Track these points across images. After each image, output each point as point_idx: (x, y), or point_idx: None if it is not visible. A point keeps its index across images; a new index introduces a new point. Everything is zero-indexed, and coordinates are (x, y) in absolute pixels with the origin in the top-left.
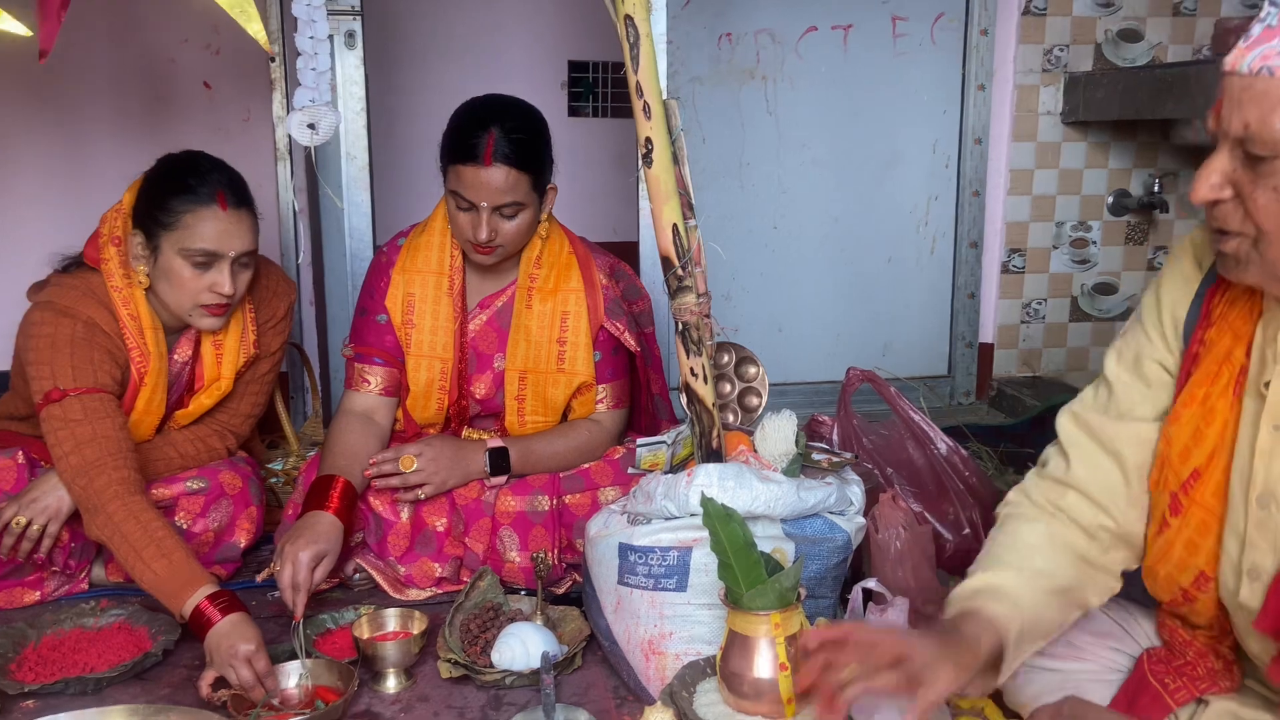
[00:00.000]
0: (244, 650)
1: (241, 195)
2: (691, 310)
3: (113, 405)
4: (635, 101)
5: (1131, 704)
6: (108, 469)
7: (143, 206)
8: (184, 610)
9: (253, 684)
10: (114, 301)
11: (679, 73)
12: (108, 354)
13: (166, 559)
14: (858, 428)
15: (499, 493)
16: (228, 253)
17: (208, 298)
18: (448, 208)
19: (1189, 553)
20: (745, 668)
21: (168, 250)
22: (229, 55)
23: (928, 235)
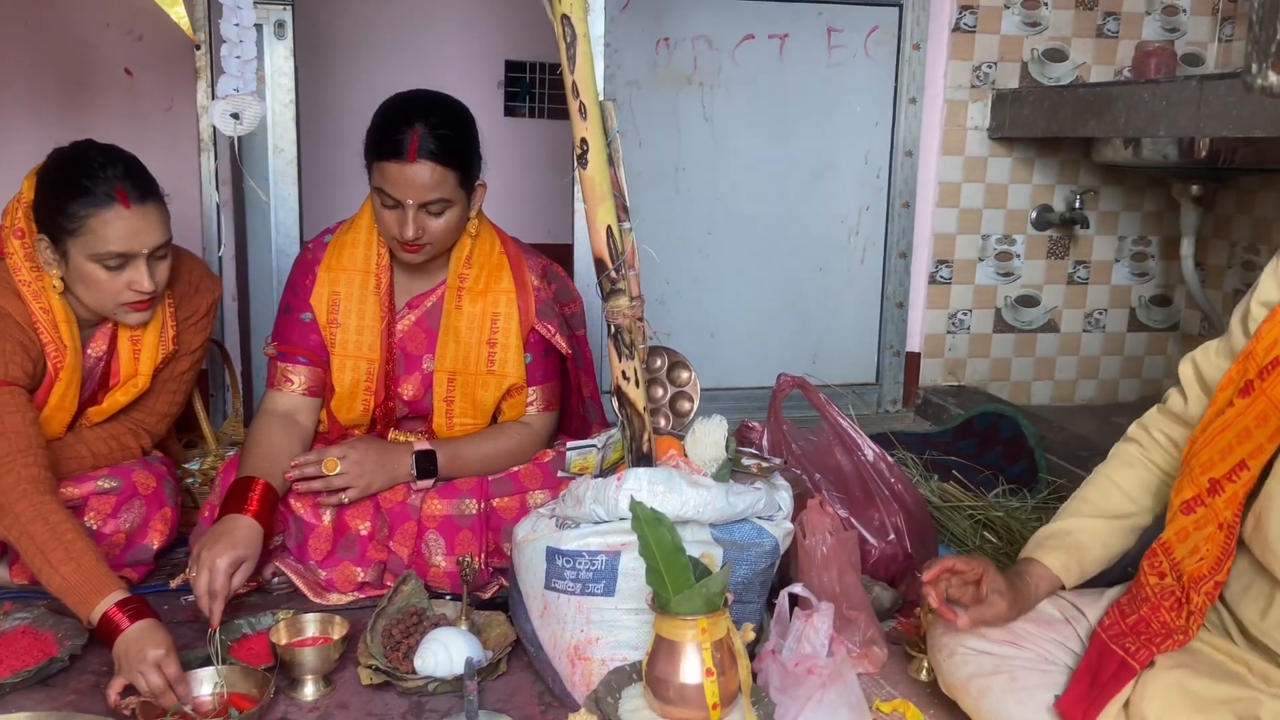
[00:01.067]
0: (153, 655)
1: (144, 188)
2: (624, 313)
3: (23, 399)
4: (571, 101)
5: (1095, 676)
6: (16, 466)
7: (43, 210)
8: (92, 616)
9: (162, 690)
10: (25, 299)
11: (616, 75)
12: (19, 345)
13: (75, 563)
14: (787, 434)
15: (425, 496)
16: (140, 251)
17: (129, 296)
18: (373, 205)
19: (1239, 439)
20: (671, 673)
21: (77, 256)
22: (152, 41)
23: (858, 245)
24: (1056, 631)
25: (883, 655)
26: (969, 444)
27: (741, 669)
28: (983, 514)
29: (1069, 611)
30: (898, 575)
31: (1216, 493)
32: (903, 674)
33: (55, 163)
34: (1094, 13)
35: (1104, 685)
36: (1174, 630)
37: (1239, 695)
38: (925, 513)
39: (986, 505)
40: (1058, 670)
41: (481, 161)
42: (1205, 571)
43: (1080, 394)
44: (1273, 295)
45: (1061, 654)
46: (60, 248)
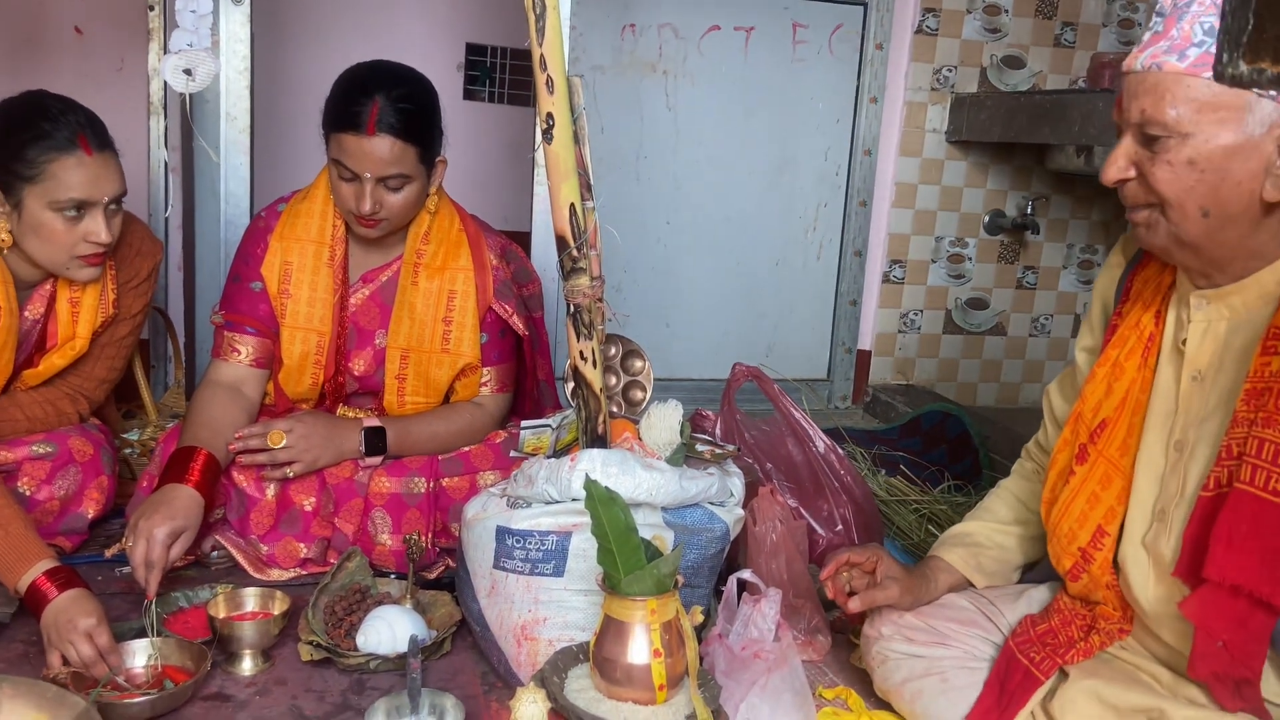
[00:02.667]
0: (84, 625)
1: (103, 136)
2: (584, 293)
3: None
4: (538, 75)
5: (1003, 686)
6: None
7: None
8: (19, 585)
9: (94, 661)
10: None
11: (580, 59)
12: None
13: (2, 530)
14: (740, 423)
15: (373, 473)
16: (100, 199)
17: (84, 248)
18: (330, 177)
19: (1090, 505)
20: (619, 653)
21: (33, 205)
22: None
23: (815, 241)
24: (979, 628)
25: (827, 643)
26: (916, 441)
27: (689, 651)
28: (928, 508)
29: (988, 609)
30: None
31: (1089, 561)
32: (845, 662)
33: (8, 111)
34: (1053, 22)
35: (1012, 694)
36: (1076, 641)
37: (1151, 704)
38: (873, 505)
39: (932, 500)
40: (986, 667)
41: (443, 137)
42: (1114, 618)
43: (1025, 396)
44: (1087, 340)
45: (988, 649)
46: (14, 198)
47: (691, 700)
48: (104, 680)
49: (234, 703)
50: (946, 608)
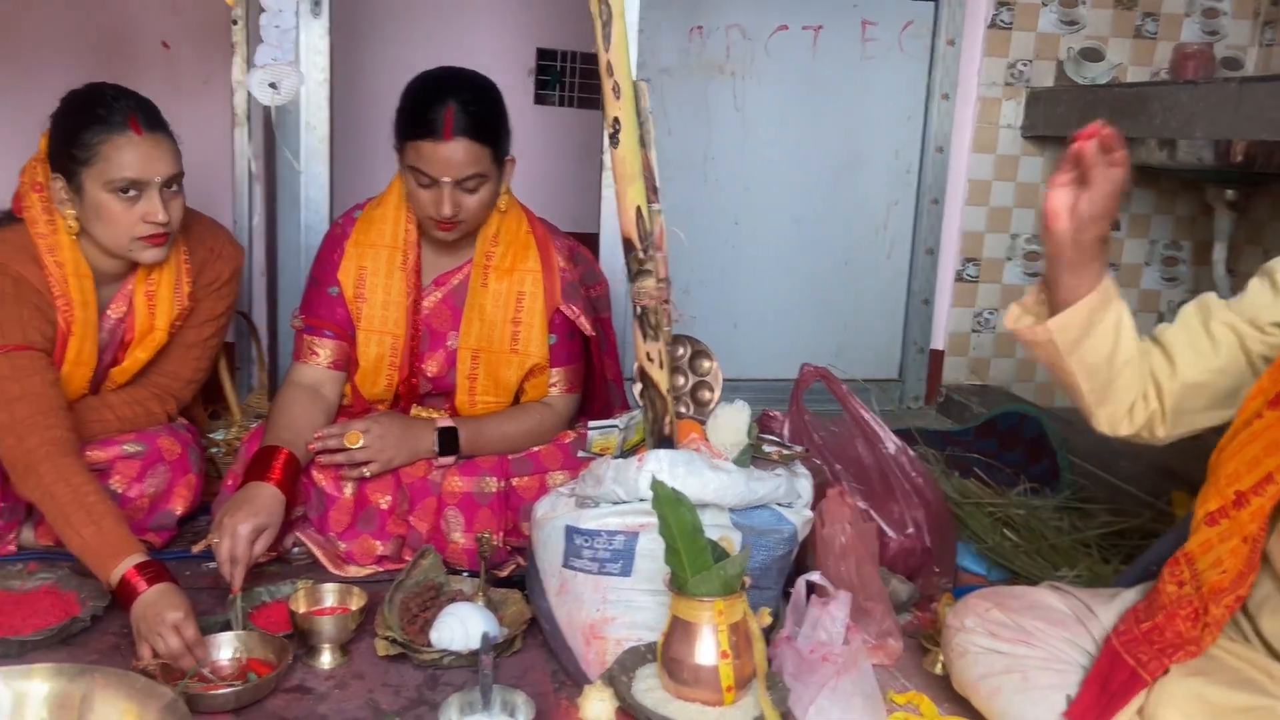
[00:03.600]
0: (171, 619)
1: (154, 118)
2: (651, 294)
3: (43, 363)
4: (605, 80)
5: (1104, 685)
6: (39, 428)
7: (56, 147)
8: (111, 578)
9: (181, 653)
10: (40, 251)
11: (648, 63)
12: (37, 310)
13: (95, 525)
14: (809, 423)
15: (446, 473)
16: (152, 178)
17: (143, 229)
18: (406, 185)
19: (1267, 452)
20: (687, 654)
21: (91, 187)
22: (190, 15)
23: (886, 240)
24: (1068, 630)
25: (898, 647)
26: (991, 443)
27: (757, 653)
28: (1003, 512)
29: (1080, 610)
30: (915, 569)
31: (1242, 505)
32: (918, 667)
33: (68, 102)
34: (1133, 13)
35: (1114, 694)
36: (1188, 641)
37: (1257, 704)
38: (945, 508)
39: (1008, 503)
40: (1070, 670)
41: (510, 136)
42: (1227, 585)
43: None
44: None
45: (1074, 653)
46: (74, 183)
47: (759, 702)
48: (191, 672)
49: (314, 695)
50: (1037, 607)
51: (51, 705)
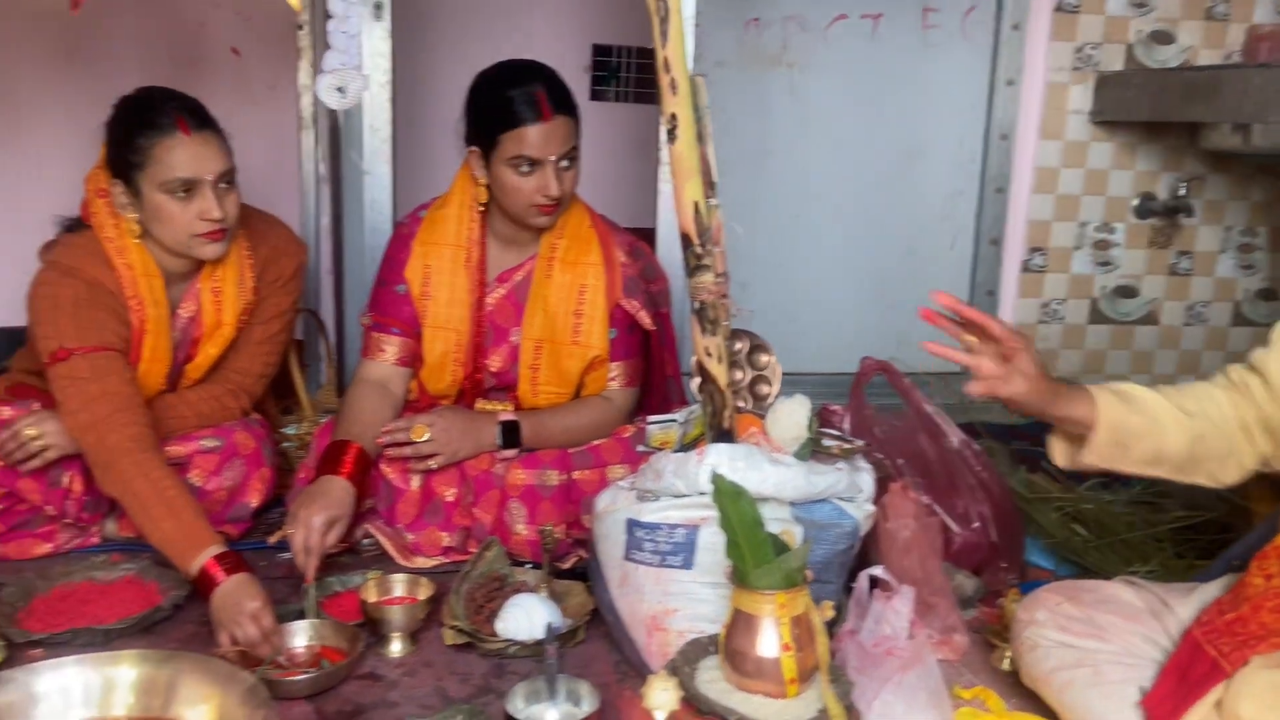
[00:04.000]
0: (250, 608)
1: (202, 117)
2: (709, 289)
3: (120, 362)
4: (662, 77)
5: (1183, 675)
6: (119, 425)
7: (113, 153)
8: (191, 569)
9: (258, 641)
10: (110, 255)
11: (704, 56)
12: (112, 312)
13: (175, 518)
14: (870, 417)
15: (509, 466)
16: (204, 176)
17: (200, 226)
18: (503, 178)
19: None
20: (749, 646)
21: (148, 189)
22: (258, 21)
23: (949, 230)
24: (1142, 624)
25: (964, 643)
26: None
27: (820, 646)
28: (1072, 507)
29: (1155, 605)
30: (981, 564)
31: None
32: (984, 663)
33: (120, 107)
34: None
35: (1193, 684)
36: (1272, 632)
37: None
38: (1012, 503)
39: (1077, 498)
40: (1144, 664)
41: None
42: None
43: None
44: None
45: (1148, 648)
46: (133, 187)
47: (823, 695)
48: (268, 659)
49: (385, 682)
50: (1110, 601)
51: (139, 690)
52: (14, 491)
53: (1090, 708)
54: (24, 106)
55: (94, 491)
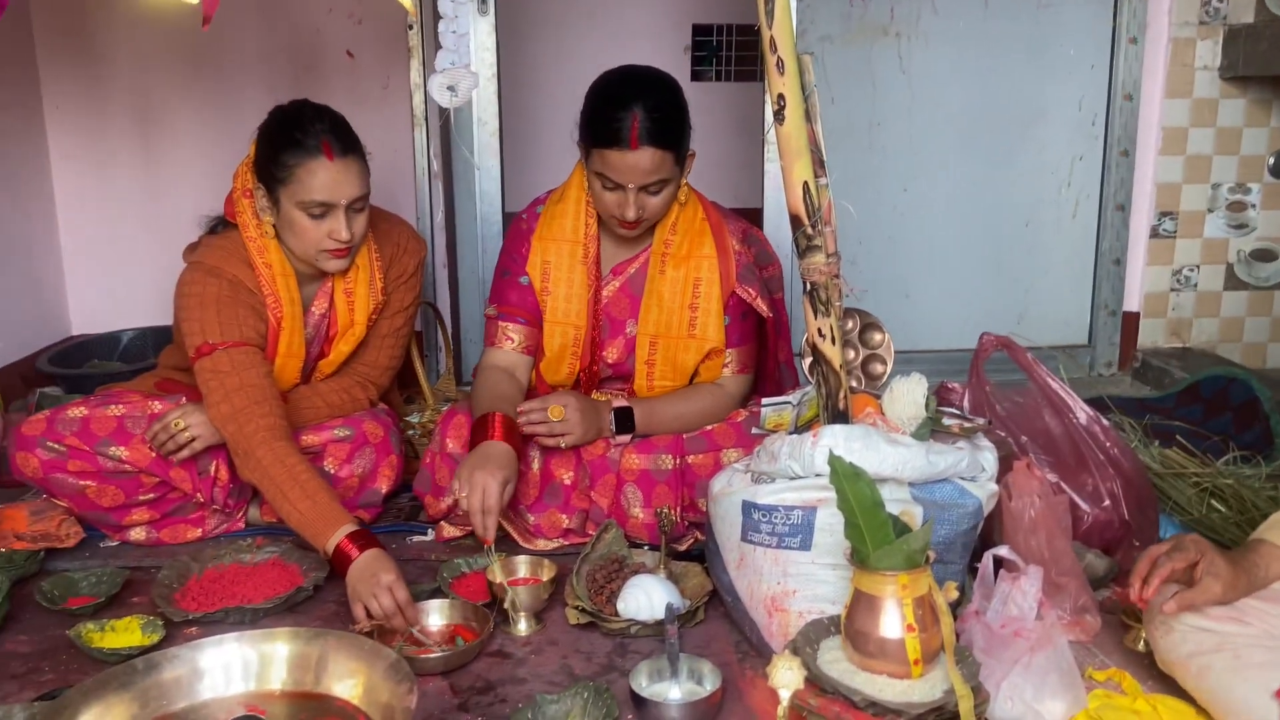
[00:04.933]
0: (385, 580)
1: (347, 142)
2: (820, 270)
3: (257, 357)
4: (768, 57)
5: None
6: (255, 416)
7: (261, 161)
8: (327, 547)
9: (393, 612)
10: (251, 253)
11: (808, 31)
12: (251, 310)
13: (310, 499)
14: (990, 395)
15: (623, 451)
16: (339, 201)
17: (328, 244)
18: (591, 185)
19: None
20: (871, 627)
21: (286, 202)
22: (370, 24)
23: (1070, 197)
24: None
25: (1096, 624)
26: (1195, 409)
27: (944, 627)
28: (1210, 482)
29: None
30: (1113, 543)
31: None
32: (1118, 644)
33: (272, 119)
34: None
35: None
36: None
37: None
38: (1145, 479)
39: (1215, 473)
40: None
41: (691, 132)
42: None
43: None
44: None
45: None
46: (273, 196)
47: (949, 676)
48: (404, 632)
49: (513, 660)
50: None
51: (292, 665)
52: (166, 480)
53: (1231, 694)
54: (158, 118)
55: (238, 479)
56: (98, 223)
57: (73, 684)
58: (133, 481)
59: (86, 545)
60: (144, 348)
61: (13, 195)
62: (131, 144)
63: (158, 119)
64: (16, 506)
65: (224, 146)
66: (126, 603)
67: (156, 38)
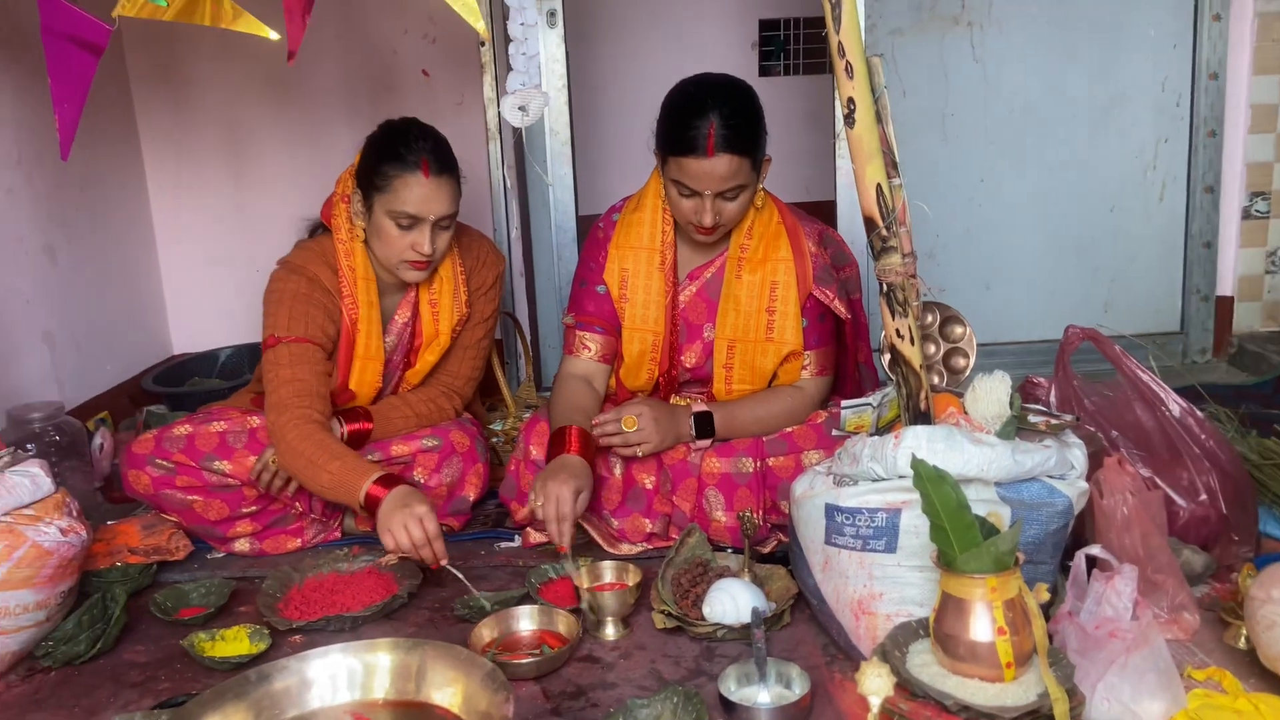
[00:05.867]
0: (418, 510)
1: (445, 162)
2: (897, 271)
3: (315, 354)
4: (837, 62)
5: None
6: (295, 407)
7: (363, 169)
8: (359, 496)
9: (422, 543)
10: (338, 255)
11: (877, 25)
12: (322, 310)
13: (339, 460)
14: (1078, 389)
15: (704, 455)
16: (428, 216)
17: (410, 255)
18: (668, 192)
19: None
20: (961, 630)
21: (378, 210)
22: (444, 43)
23: (1155, 181)
24: None
25: (1194, 621)
26: None
27: (1036, 629)
28: None
29: None
30: (1211, 538)
31: None
32: (1218, 642)
33: (382, 131)
34: None
35: None
36: None
37: None
38: (1242, 471)
39: None
40: None
41: (767, 137)
42: None
43: None
44: None
45: None
46: (368, 202)
47: (1042, 679)
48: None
49: (602, 664)
50: None
51: (394, 674)
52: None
53: None
54: (245, 144)
55: None
56: (192, 246)
57: (187, 691)
58: (236, 495)
59: (195, 557)
60: (240, 364)
61: (116, 225)
62: (221, 170)
63: (245, 145)
64: (128, 522)
65: (308, 168)
66: (234, 612)
67: (242, 68)
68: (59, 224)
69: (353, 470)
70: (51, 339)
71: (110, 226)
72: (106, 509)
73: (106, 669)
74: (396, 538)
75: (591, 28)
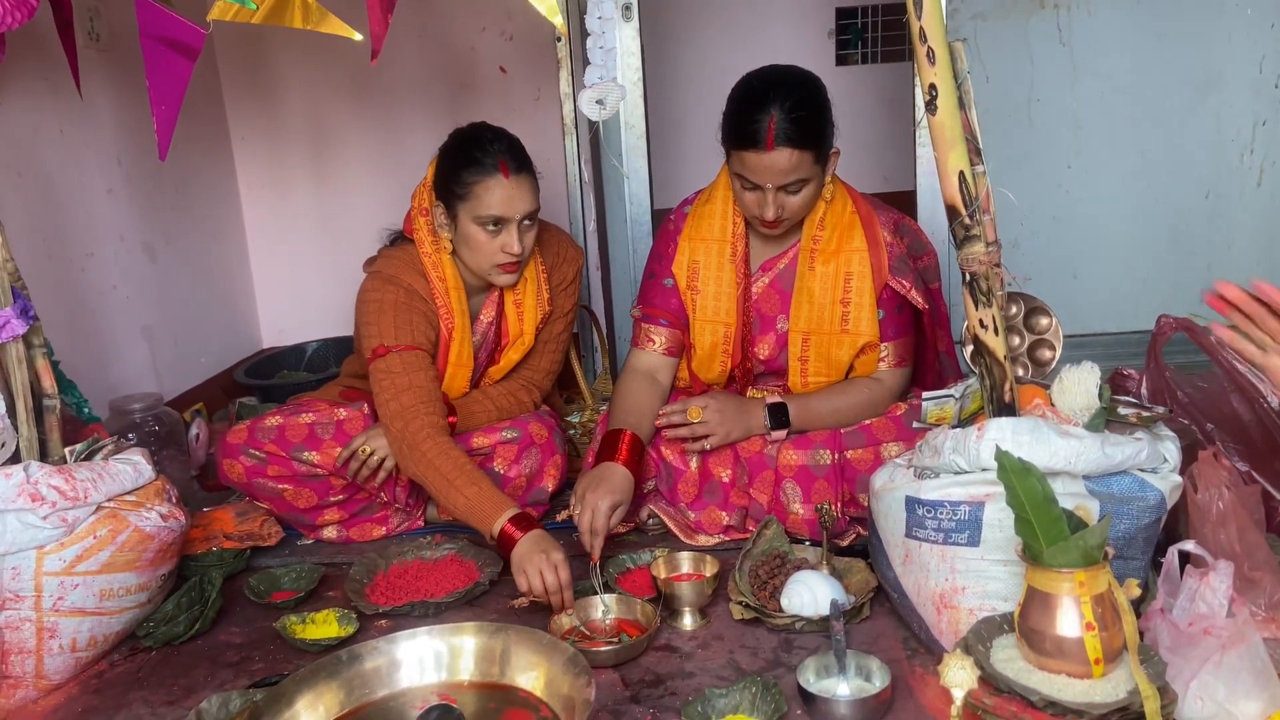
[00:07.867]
0: (555, 557)
1: (521, 160)
2: (980, 260)
3: (426, 361)
4: (918, 48)
5: None
6: (420, 414)
7: (440, 180)
8: (493, 529)
9: (555, 589)
10: (426, 267)
11: (959, 10)
12: (424, 317)
13: (476, 486)
14: (1171, 380)
15: (780, 447)
16: (513, 216)
17: (501, 257)
18: (732, 185)
19: None
20: (1047, 625)
21: (464, 218)
22: (521, 39)
23: (1254, 165)
24: None
25: None
26: None
27: (1126, 625)
28: None
29: None
30: None
31: None
32: None
33: (453, 140)
34: None
35: None
36: None
37: None
38: None
39: None
40: None
41: (834, 130)
42: None
43: None
44: None
45: None
46: (451, 212)
47: (1133, 676)
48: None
49: (680, 654)
50: None
51: (478, 657)
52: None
53: None
54: (330, 143)
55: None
56: (281, 243)
57: (280, 672)
58: (324, 484)
59: (286, 544)
60: (327, 358)
61: (209, 223)
62: (306, 168)
63: (328, 143)
64: (223, 509)
65: (388, 166)
66: (323, 596)
67: (326, 69)
68: (157, 222)
69: (489, 500)
70: (151, 333)
71: (204, 224)
72: (202, 496)
73: (204, 649)
74: (531, 582)
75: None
